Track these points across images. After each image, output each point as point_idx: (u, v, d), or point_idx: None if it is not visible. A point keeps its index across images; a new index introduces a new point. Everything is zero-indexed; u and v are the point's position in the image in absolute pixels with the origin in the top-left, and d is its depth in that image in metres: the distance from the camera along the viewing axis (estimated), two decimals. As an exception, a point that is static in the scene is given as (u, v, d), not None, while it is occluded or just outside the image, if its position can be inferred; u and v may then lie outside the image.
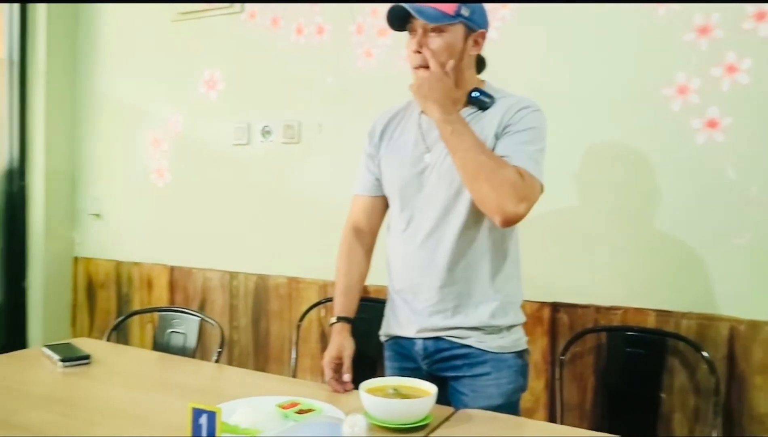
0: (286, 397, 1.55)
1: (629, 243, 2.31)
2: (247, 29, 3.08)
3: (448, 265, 1.67)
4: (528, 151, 1.57)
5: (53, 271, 3.61)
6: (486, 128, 1.63)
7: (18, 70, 3.54)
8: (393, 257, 1.81)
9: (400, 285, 1.78)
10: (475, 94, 1.67)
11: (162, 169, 3.37)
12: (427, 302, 1.71)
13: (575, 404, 2.37)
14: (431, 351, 1.73)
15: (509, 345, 1.70)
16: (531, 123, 1.61)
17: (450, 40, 1.62)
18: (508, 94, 1.70)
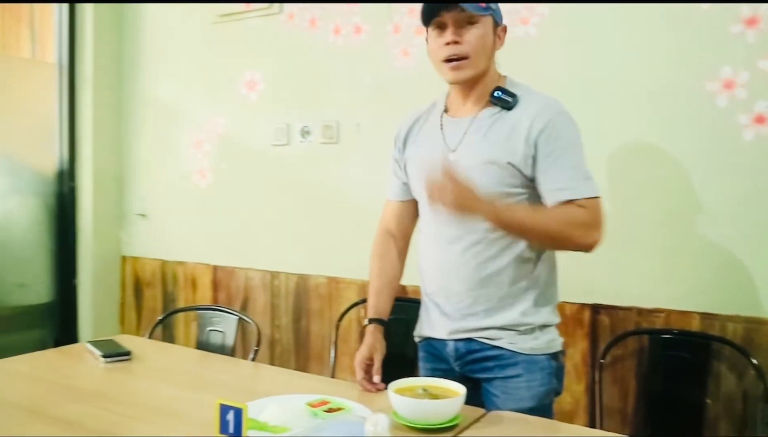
0: (316, 395, 1.56)
1: (673, 244, 2.24)
2: (285, 30, 3.10)
3: (477, 267, 1.67)
4: (579, 173, 1.59)
5: (102, 270, 3.71)
6: (515, 130, 1.62)
7: (67, 74, 3.64)
8: (424, 259, 1.81)
9: (431, 288, 1.79)
10: (498, 94, 1.66)
11: (204, 169, 3.42)
12: (457, 304, 1.71)
13: (616, 408, 2.32)
14: (462, 352, 1.72)
15: (542, 346, 1.68)
16: (568, 136, 1.61)
17: (483, 31, 1.63)
18: (530, 92, 1.69)
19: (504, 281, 1.66)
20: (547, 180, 1.60)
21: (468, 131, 1.68)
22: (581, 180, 1.58)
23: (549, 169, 1.59)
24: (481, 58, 1.65)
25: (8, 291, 3.56)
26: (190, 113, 3.47)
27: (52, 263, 3.68)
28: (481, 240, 1.65)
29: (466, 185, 1.48)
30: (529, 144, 1.60)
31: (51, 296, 3.69)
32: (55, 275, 3.69)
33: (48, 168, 3.66)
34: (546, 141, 1.59)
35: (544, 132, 1.59)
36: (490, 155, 1.62)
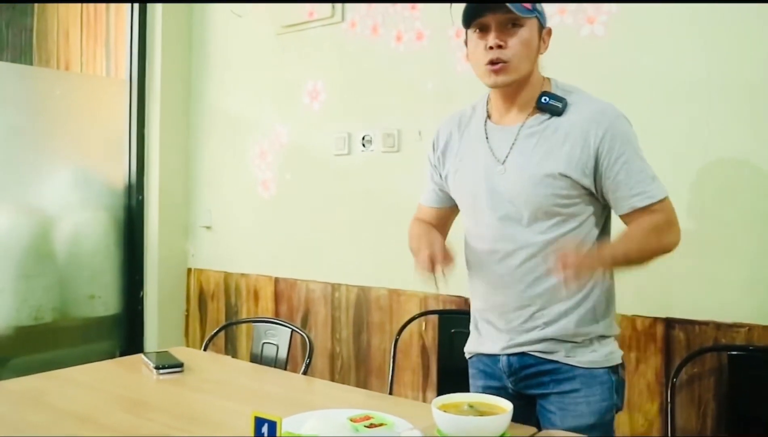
0: (360, 410, 1.54)
1: (755, 252, 2.10)
2: (348, 39, 3.11)
3: (533, 283, 1.62)
4: (648, 176, 1.57)
5: (168, 281, 3.79)
6: (570, 137, 1.56)
7: (137, 89, 3.75)
8: (475, 275, 1.76)
9: (484, 305, 1.74)
10: (545, 100, 1.60)
11: (267, 180, 3.45)
12: (513, 321, 1.66)
13: (693, 430, 2.18)
14: (516, 367, 1.66)
15: (601, 358, 1.61)
16: (631, 139, 1.58)
17: (528, 34, 1.58)
18: (579, 95, 1.63)
19: (558, 295, 1.60)
20: (620, 187, 1.55)
21: (517, 140, 1.62)
22: (651, 182, 1.56)
23: (619, 175, 1.55)
24: (525, 63, 1.59)
25: (79, 303, 3.66)
26: (254, 124, 3.52)
27: (121, 275, 3.77)
28: (536, 254, 1.60)
29: (584, 254, 1.49)
30: (589, 152, 1.55)
31: (119, 307, 3.78)
32: (123, 286, 3.79)
33: (117, 181, 3.77)
34: (610, 148, 1.54)
35: (605, 138, 1.54)
36: (544, 167, 1.57)
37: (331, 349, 3.17)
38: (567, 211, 1.58)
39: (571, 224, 1.59)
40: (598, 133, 1.54)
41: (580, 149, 1.54)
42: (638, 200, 1.55)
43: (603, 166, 1.55)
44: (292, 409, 1.58)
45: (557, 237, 1.58)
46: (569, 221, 1.59)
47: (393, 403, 1.75)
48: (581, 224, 1.60)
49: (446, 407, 1.43)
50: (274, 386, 2.02)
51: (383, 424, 1.46)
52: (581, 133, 1.55)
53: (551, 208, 1.57)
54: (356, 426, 1.45)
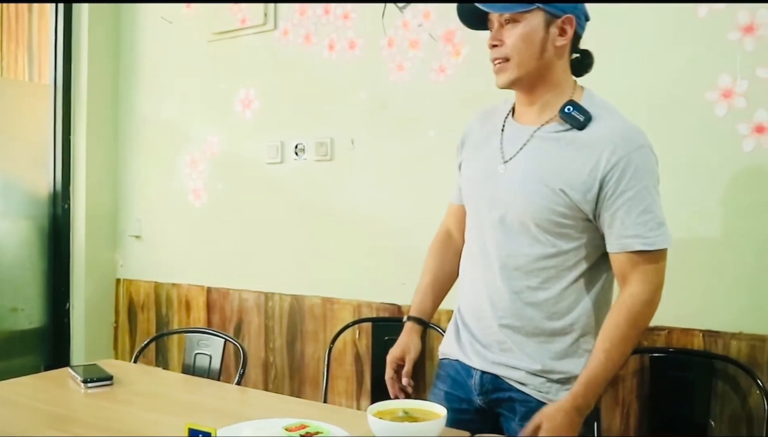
0: (295, 420, 1.53)
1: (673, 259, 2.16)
2: (280, 47, 3.11)
3: (512, 295, 1.55)
4: (653, 219, 1.46)
5: (95, 293, 3.69)
6: (581, 156, 1.48)
7: (62, 95, 3.65)
8: (463, 273, 1.72)
9: (464, 305, 1.69)
10: (569, 110, 1.51)
11: (198, 189, 3.42)
12: (486, 330, 1.61)
13: (617, 430, 2.26)
14: (488, 388, 1.61)
15: None
16: (646, 174, 1.46)
17: (527, 30, 1.49)
18: (608, 113, 1.53)
19: (540, 316, 1.54)
20: (616, 224, 1.46)
21: (528, 142, 1.54)
22: (655, 228, 1.45)
23: (619, 211, 1.45)
24: (527, 59, 1.50)
25: (1, 316, 3.53)
26: (185, 132, 3.48)
27: (45, 286, 3.67)
28: (522, 267, 1.53)
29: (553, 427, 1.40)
30: (595, 177, 1.45)
31: (44, 320, 3.67)
32: (48, 298, 3.68)
33: (42, 190, 3.66)
34: (619, 179, 1.44)
35: (616, 168, 1.44)
36: (545, 177, 1.49)
37: (264, 359, 3.16)
38: (561, 230, 1.50)
39: (563, 245, 1.51)
40: (611, 159, 1.44)
41: (589, 170, 1.46)
42: (634, 243, 1.45)
43: (606, 195, 1.45)
44: (226, 420, 1.56)
45: (546, 256, 1.52)
46: (562, 242, 1.51)
47: (329, 411, 1.74)
48: (575, 250, 1.52)
49: (381, 413, 1.44)
50: (208, 397, 1.98)
51: (319, 433, 1.46)
52: (594, 154, 1.46)
53: (544, 222, 1.49)
54: (292, 435, 1.44)
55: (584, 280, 1.54)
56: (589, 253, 1.53)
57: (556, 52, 1.53)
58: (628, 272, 1.48)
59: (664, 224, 1.48)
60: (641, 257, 1.46)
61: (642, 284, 1.47)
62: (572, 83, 1.59)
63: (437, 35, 2.63)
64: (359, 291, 2.87)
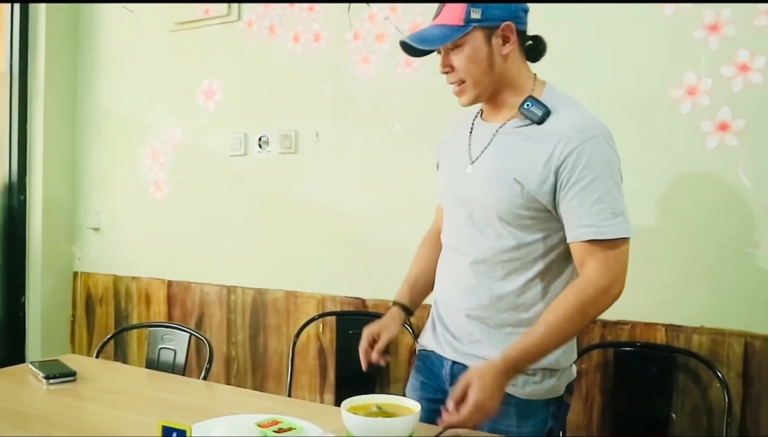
0: (266, 415, 1.51)
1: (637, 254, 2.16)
2: (244, 38, 3.04)
3: (478, 287, 1.56)
4: (607, 208, 1.44)
5: (52, 286, 3.58)
6: (537, 149, 1.48)
7: (18, 83, 3.52)
8: (438, 270, 1.74)
9: (438, 297, 1.72)
10: (527, 106, 1.52)
11: (160, 181, 3.33)
12: (456, 321, 1.63)
13: (581, 424, 2.27)
14: (459, 377, 1.57)
15: (541, 392, 1.54)
16: (599, 163, 1.45)
17: (471, 51, 1.50)
18: (566, 105, 1.53)
19: (504, 307, 1.55)
20: (570, 214, 1.46)
21: (492, 140, 1.57)
22: (609, 217, 1.43)
23: (572, 201, 1.45)
24: (479, 77, 1.52)
25: (-49, 310, 3.42)
26: (146, 123, 3.38)
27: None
28: (487, 260, 1.55)
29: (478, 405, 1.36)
30: (550, 168, 1.46)
31: (-3, 314, 3.55)
32: (1, 292, 3.55)
33: (-4, 180, 3.54)
34: (572, 169, 1.44)
35: (570, 158, 1.44)
36: (504, 170, 1.51)
37: (226, 353, 3.09)
38: (524, 223, 1.51)
39: (526, 237, 1.52)
40: (564, 150, 1.44)
41: (544, 162, 1.46)
42: (587, 232, 1.44)
43: (561, 185, 1.46)
44: (196, 417, 1.53)
45: (509, 248, 1.52)
46: (525, 234, 1.52)
47: (297, 406, 1.73)
48: (538, 242, 1.52)
49: (355, 409, 1.43)
50: (175, 393, 1.94)
51: (292, 428, 1.44)
52: (549, 146, 1.46)
53: (507, 215, 1.51)
54: (264, 431, 1.42)
55: (550, 272, 1.55)
56: (554, 245, 1.53)
57: (506, 60, 1.54)
58: (585, 261, 1.47)
59: (621, 214, 1.46)
60: (596, 246, 1.45)
61: (598, 271, 1.45)
62: (532, 79, 1.59)
63: (404, 28, 2.58)
64: (323, 285, 2.83)
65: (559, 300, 1.46)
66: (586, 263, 1.46)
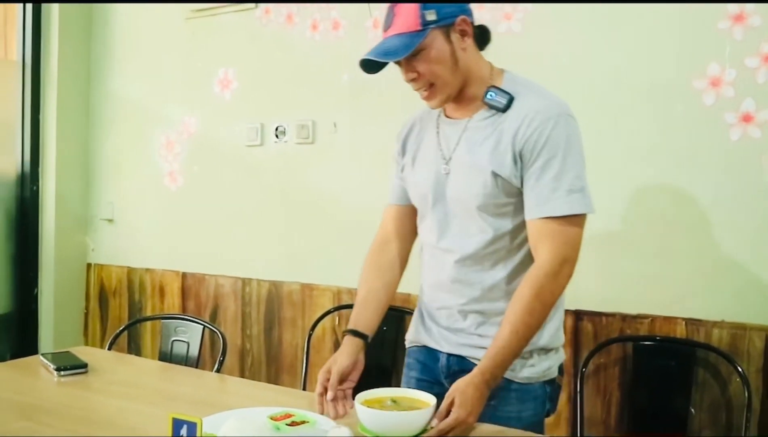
0: (279, 408, 1.54)
1: (658, 247, 2.27)
2: (261, 26, 3.11)
3: (468, 282, 1.63)
4: (561, 185, 1.50)
5: (65, 278, 3.68)
6: (503, 137, 1.54)
7: (31, 72, 3.61)
8: (423, 268, 1.78)
9: (428, 298, 1.76)
10: (491, 96, 1.57)
11: (174, 172, 3.42)
12: (449, 318, 1.68)
13: (599, 419, 2.33)
14: (455, 369, 1.67)
15: (538, 374, 1.62)
16: (557, 142, 1.51)
17: (434, 53, 1.53)
18: (528, 90, 1.59)
19: (497, 296, 1.61)
20: (528, 193, 1.53)
21: (462, 137, 1.62)
22: (564, 194, 1.49)
23: (529, 180, 1.52)
24: (447, 77, 1.57)
25: (-36, 302, 3.51)
26: (161, 113, 3.46)
27: (12, 271, 3.63)
28: (473, 255, 1.61)
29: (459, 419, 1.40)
30: (514, 153, 1.52)
31: (10, 306, 3.63)
32: (14, 284, 3.64)
33: (8, 171, 3.62)
34: (531, 151, 1.51)
35: (530, 140, 1.51)
36: (478, 164, 1.56)
37: (241, 346, 3.18)
38: (503, 210, 1.57)
39: (507, 224, 1.58)
40: (525, 133, 1.51)
41: (510, 150, 1.52)
42: (540, 210, 1.51)
43: (524, 167, 1.52)
44: (207, 410, 1.55)
45: (494, 239, 1.58)
46: (505, 221, 1.58)
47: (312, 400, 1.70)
48: (519, 227, 1.58)
49: (369, 402, 1.44)
50: (187, 386, 1.98)
51: (305, 422, 1.47)
52: (512, 132, 1.52)
53: (487, 207, 1.56)
54: (277, 424, 1.45)
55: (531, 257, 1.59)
56: None
57: (469, 54, 1.59)
58: (536, 242, 1.53)
59: (578, 191, 1.51)
60: (549, 225, 1.50)
61: (547, 255, 1.50)
62: (489, 68, 1.64)
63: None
64: (339, 277, 2.89)
65: (516, 295, 1.52)
66: (537, 246, 1.53)
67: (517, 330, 1.49)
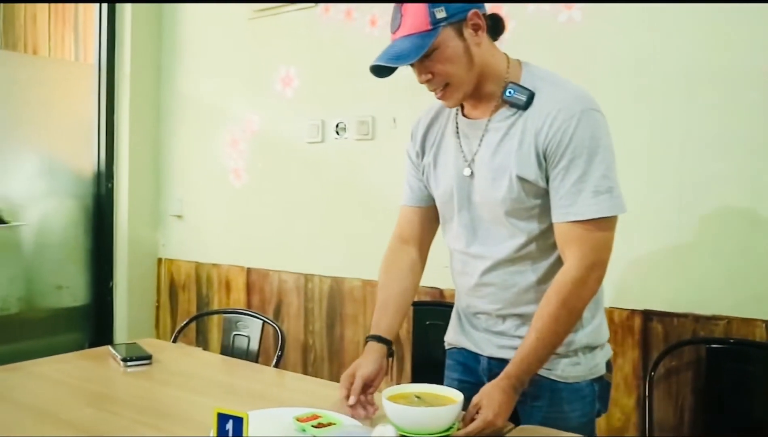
0: (305, 409, 1.47)
1: (735, 245, 2.06)
2: (321, 24, 3.02)
3: (502, 286, 1.52)
4: (588, 187, 1.37)
5: (138, 272, 3.68)
6: (525, 136, 1.42)
7: (106, 75, 3.62)
8: (455, 273, 1.67)
9: (463, 303, 1.66)
10: (510, 93, 1.44)
11: (239, 169, 3.36)
12: (492, 326, 1.58)
13: (670, 425, 2.13)
14: (496, 372, 1.54)
15: (584, 373, 1.51)
16: (583, 141, 1.37)
17: (447, 51, 1.41)
18: (549, 84, 1.45)
19: (532, 298, 1.50)
20: (553, 195, 1.42)
21: (483, 139, 1.50)
22: (589, 196, 1.37)
23: (554, 182, 1.41)
24: (463, 75, 1.44)
25: (46, 293, 3.56)
26: (226, 111, 3.42)
27: (89, 265, 3.67)
28: (505, 259, 1.50)
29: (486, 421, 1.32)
30: (539, 153, 1.41)
31: (88, 298, 3.68)
32: (91, 277, 3.68)
33: (86, 169, 3.65)
34: (555, 150, 1.39)
35: (554, 140, 1.39)
36: (503, 167, 1.45)
37: (303, 341, 3.09)
38: (533, 212, 1.46)
39: (539, 226, 1.47)
40: (549, 132, 1.39)
41: (534, 150, 1.41)
42: (567, 214, 1.39)
43: (550, 167, 1.41)
44: (260, 403, 1.53)
45: (525, 243, 1.48)
46: (536, 224, 1.47)
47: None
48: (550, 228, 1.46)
49: (395, 398, 1.39)
50: (243, 379, 1.96)
51: (332, 424, 1.39)
52: (535, 131, 1.41)
53: (515, 211, 1.46)
54: (303, 426, 1.38)
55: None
56: None
57: (484, 50, 1.46)
58: (564, 246, 1.42)
59: (606, 191, 1.38)
60: (575, 229, 1.39)
61: (574, 260, 1.40)
62: (505, 61, 1.50)
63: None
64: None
65: (543, 302, 1.42)
66: (564, 251, 1.42)
67: (543, 337, 1.40)
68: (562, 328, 1.41)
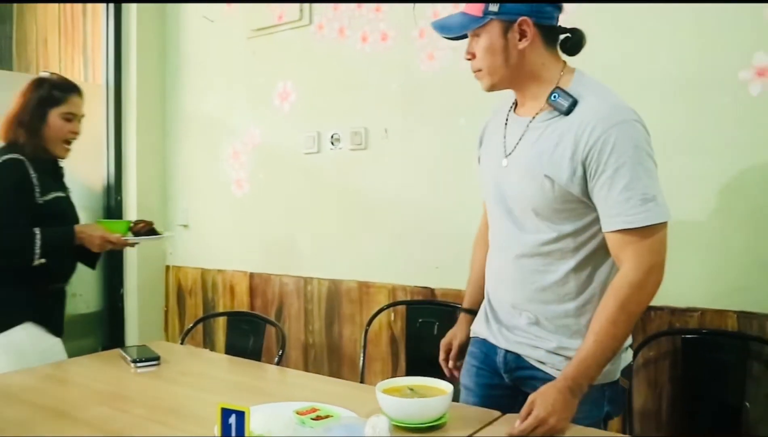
0: (305, 403, 1.49)
1: (708, 239, 2.06)
2: (316, 40, 3.03)
3: (523, 280, 1.52)
4: (635, 195, 1.35)
5: (147, 279, 3.69)
6: (562, 142, 1.41)
7: (114, 94, 3.64)
8: (487, 264, 1.69)
9: (489, 293, 1.67)
10: (555, 97, 1.44)
11: (241, 179, 3.37)
12: (506, 314, 1.59)
13: (651, 412, 2.14)
14: (512, 366, 1.57)
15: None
16: (626, 150, 1.35)
17: (487, 42, 1.47)
18: (594, 94, 1.44)
19: (551, 298, 1.49)
20: (601, 204, 1.39)
21: (524, 135, 1.50)
22: (638, 204, 1.34)
23: (601, 191, 1.37)
24: (495, 68, 1.48)
25: (61, 301, 3.55)
26: (228, 126, 3.42)
27: (101, 273, 3.66)
28: (528, 253, 1.50)
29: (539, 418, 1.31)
30: (577, 160, 1.38)
31: (100, 305, 3.68)
32: (103, 285, 3.68)
33: (97, 183, 3.66)
34: (598, 158, 1.36)
35: (595, 148, 1.36)
36: (535, 166, 1.44)
37: (304, 340, 3.10)
38: (561, 215, 1.45)
39: (564, 228, 1.45)
40: (589, 140, 1.37)
41: (570, 157, 1.39)
42: (616, 222, 1.36)
43: (590, 176, 1.38)
44: (263, 399, 1.55)
45: (548, 241, 1.47)
46: (563, 225, 1.45)
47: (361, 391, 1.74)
48: (578, 232, 1.45)
49: (389, 391, 1.42)
50: (248, 377, 1.97)
51: (330, 416, 1.41)
52: (574, 137, 1.39)
53: (543, 210, 1.45)
54: (302, 419, 1.40)
55: (592, 260, 1.48)
56: (594, 233, 1.46)
57: (523, 54, 1.48)
58: (618, 252, 1.40)
59: (652, 199, 1.36)
60: (628, 236, 1.37)
61: (631, 264, 1.37)
62: (559, 70, 1.50)
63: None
64: (394, 275, 2.79)
65: (601, 305, 1.40)
66: (620, 256, 1.40)
67: (600, 341, 1.37)
68: (620, 331, 1.38)
